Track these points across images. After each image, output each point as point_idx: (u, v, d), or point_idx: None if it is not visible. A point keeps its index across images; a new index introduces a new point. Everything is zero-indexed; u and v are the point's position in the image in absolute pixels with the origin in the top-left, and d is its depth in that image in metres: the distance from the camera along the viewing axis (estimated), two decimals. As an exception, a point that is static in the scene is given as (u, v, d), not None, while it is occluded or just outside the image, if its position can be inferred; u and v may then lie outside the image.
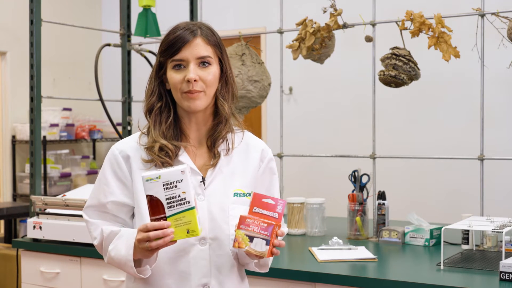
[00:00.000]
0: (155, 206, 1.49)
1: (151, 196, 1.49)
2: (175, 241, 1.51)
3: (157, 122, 1.70)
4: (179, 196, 1.49)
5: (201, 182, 1.68)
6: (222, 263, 1.68)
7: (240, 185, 1.72)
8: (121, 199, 1.70)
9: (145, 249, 1.53)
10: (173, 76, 1.66)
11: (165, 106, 1.71)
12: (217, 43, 1.71)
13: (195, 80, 1.64)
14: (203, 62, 1.67)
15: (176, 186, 1.49)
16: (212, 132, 1.73)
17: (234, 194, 1.71)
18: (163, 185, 1.48)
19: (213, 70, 1.68)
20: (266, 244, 1.54)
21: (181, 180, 1.49)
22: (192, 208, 1.49)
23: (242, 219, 1.56)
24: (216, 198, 1.68)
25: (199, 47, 1.66)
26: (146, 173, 1.50)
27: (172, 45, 1.66)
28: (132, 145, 1.72)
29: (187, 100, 1.66)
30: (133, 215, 1.74)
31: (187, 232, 1.49)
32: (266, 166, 1.79)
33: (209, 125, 1.74)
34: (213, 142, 1.73)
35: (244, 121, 1.84)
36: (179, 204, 1.49)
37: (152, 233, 1.49)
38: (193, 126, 1.73)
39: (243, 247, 1.54)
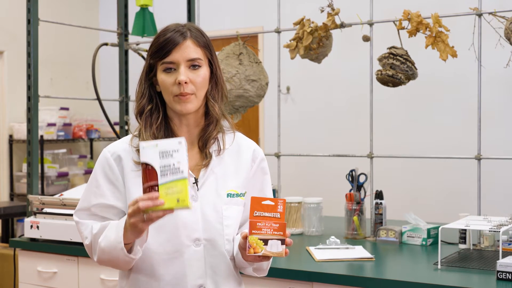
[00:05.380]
0: (149, 174, 1.49)
1: (146, 164, 1.49)
2: (172, 210, 1.48)
3: (148, 124, 1.70)
4: (174, 165, 1.48)
5: (194, 183, 1.68)
6: (217, 264, 1.68)
7: (233, 185, 1.72)
8: (111, 202, 1.70)
9: (138, 222, 1.49)
10: (164, 79, 1.66)
11: (155, 108, 1.71)
12: (207, 45, 1.71)
13: (185, 83, 1.64)
14: (193, 65, 1.67)
15: (171, 156, 1.49)
16: (203, 133, 1.73)
17: (228, 195, 1.71)
18: (159, 153, 1.49)
19: (203, 72, 1.68)
20: (282, 244, 1.54)
21: (177, 150, 1.49)
22: (185, 178, 1.48)
23: (252, 225, 1.54)
24: (209, 199, 1.68)
25: (189, 50, 1.66)
26: (144, 142, 1.51)
27: (162, 48, 1.66)
28: (123, 147, 1.72)
29: (179, 103, 1.66)
30: (123, 217, 1.73)
31: (177, 201, 1.47)
32: (258, 166, 1.79)
33: (200, 127, 1.74)
34: (204, 143, 1.73)
35: (242, 121, 1.84)
36: (172, 173, 1.48)
37: (141, 204, 1.46)
38: (183, 128, 1.73)
39: (259, 252, 1.53)
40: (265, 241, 1.53)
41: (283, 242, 1.54)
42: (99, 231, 1.67)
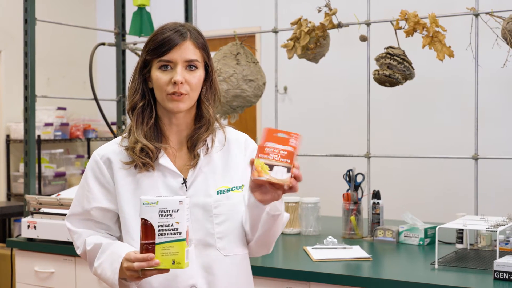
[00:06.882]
0: (147, 231, 1.49)
1: (145, 220, 1.49)
2: (167, 270, 1.51)
3: (139, 121, 1.70)
4: (172, 225, 1.48)
5: (182, 184, 1.68)
6: (209, 263, 1.67)
7: (223, 182, 1.71)
8: (105, 205, 1.70)
9: (133, 277, 1.53)
10: (159, 77, 1.66)
11: (147, 105, 1.71)
12: (205, 47, 1.71)
13: (181, 83, 1.64)
14: (190, 66, 1.66)
15: (171, 215, 1.48)
16: (193, 134, 1.72)
17: (218, 192, 1.70)
18: (159, 212, 1.48)
19: (199, 74, 1.68)
20: (287, 171, 1.49)
21: (177, 210, 1.48)
22: (183, 240, 1.48)
23: (260, 148, 1.49)
24: (199, 198, 1.68)
25: (188, 50, 1.66)
26: (145, 197, 1.51)
27: (161, 46, 1.65)
28: (113, 149, 1.72)
29: (171, 102, 1.65)
30: (117, 220, 1.73)
31: (172, 263, 1.48)
32: (251, 155, 1.75)
33: (191, 128, 1.73)
34: (193, 144, 1.72)
35: (239, 121, 1.83)
36: (170, 234, 1.48)
37: (136, 264, 1.49)
38: (173, 128, 1.72)
39: (263, 176, 1.48)
40: (271, 167, 1.49)
41: (289, 170, 1.50)
42: (93, 249, 1.68)
